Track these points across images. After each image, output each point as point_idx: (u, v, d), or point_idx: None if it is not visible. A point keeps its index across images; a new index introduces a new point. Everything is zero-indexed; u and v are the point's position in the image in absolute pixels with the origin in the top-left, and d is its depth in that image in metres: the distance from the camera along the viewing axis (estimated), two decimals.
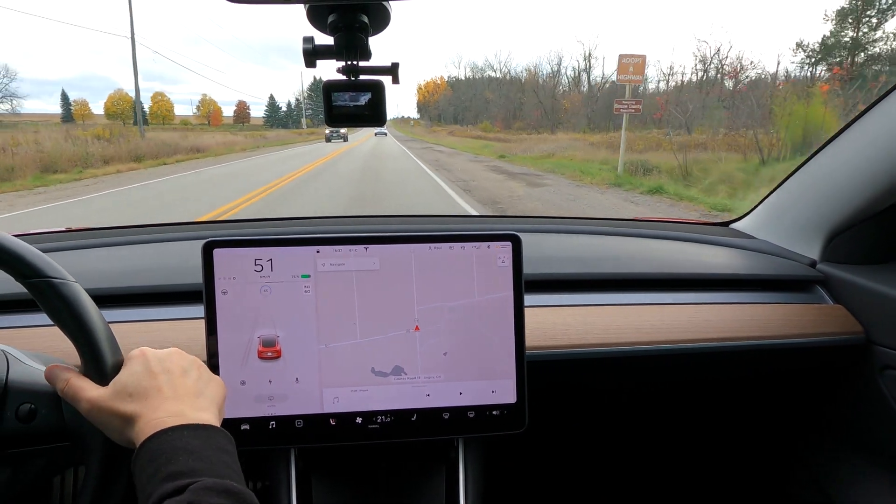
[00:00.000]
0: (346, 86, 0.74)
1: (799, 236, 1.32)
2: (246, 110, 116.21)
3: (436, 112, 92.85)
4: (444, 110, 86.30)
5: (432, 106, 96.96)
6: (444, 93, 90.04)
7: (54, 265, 0.61)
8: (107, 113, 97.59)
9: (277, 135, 42.05)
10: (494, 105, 57.87)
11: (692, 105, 21.18)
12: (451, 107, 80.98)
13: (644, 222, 1.56)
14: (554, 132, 33.63)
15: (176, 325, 0.99)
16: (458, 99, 76.25)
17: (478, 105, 64.41)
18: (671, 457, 1.55)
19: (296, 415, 0.83)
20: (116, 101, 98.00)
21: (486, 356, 0.86)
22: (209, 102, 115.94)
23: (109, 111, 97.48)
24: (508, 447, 1.26)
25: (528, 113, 47.00)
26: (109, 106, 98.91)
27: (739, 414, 1.47)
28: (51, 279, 0.60)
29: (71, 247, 1.27)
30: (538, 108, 43.91)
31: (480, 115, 60.83)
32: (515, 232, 0.86)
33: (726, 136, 15.02)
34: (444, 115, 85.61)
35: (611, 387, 1.22)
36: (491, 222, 1.64)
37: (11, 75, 52.20)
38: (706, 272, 1.24)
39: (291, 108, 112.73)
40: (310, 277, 0.82)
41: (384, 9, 0.67)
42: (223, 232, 1.43)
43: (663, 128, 21.32)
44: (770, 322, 1.12)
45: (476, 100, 65.98)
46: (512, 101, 52.12)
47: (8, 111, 56.73)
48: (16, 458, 0.62)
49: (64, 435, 0.62)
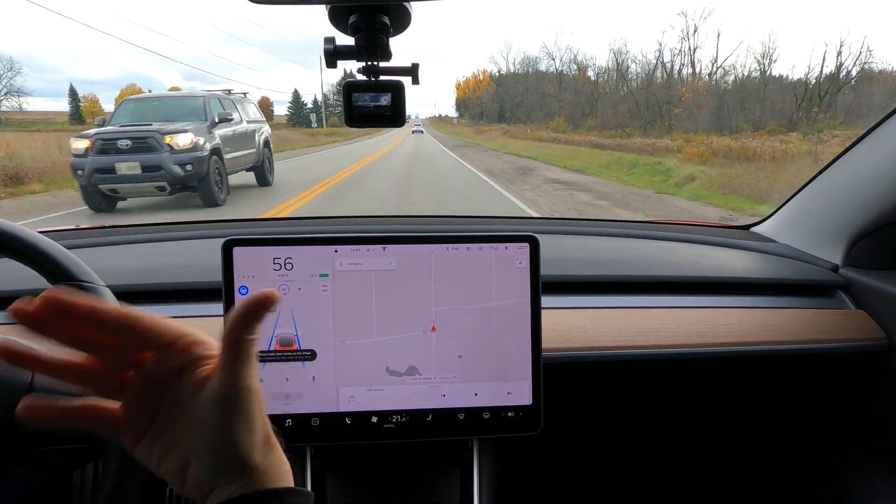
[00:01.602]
0: (367, 86, 0.75)
1: (821, 240, 1.30)
2: (269, 107, 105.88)
3: (478, 110, 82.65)
4: (488, 108, 76.93)
5: (474, 103, 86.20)
6: (486, 88, 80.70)
7: (85, 269, 0.62)
8: None
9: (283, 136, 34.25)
10: (555, 100, 49.56)
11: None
12: (495, 103, 72.53)
13: (662, 225, 1.55)
14: (648, 133, 27.22)
15: (195, 321, 1.00)
16: (505, 94, 67.80)
17: (531, 100, 56.27)
18: (686, 461, 1.54)
19: (312, 413, 0.84)
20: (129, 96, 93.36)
21: (502, 357, 0.86)
22: None
23: None
24: (523, 449, 1.26)
25: (603, 109, 39.00)
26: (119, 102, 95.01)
27: (756, 418, 1.45)
28: (82, 283, 0.61)
29: (92, 244, 1.29)
30: (624, 102, 36.14)
31: (533, 111, 53.15)
32: (533, 233, 0.86)
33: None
34: (488, 113, 76.23)
35: (627, 390, 1.22)
36: (509, 223, 1.64)
37: (17, 69, 48.96)
38: (725, 276, 1.23)
39: (318, 104, 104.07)
40: (328, 277, 0.82)
41: (405, 10, 0.67)
42: (243, 230, 1.44)
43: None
44: (791, 327, 1.11)
45: (529, 94, 57.38)
46: (582, 95, 44.42)
47: (14, 108, 53.91)
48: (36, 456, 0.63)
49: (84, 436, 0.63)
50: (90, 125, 35.15)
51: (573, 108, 44.83)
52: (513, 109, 62.50)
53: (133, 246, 1.30)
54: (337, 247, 0.83)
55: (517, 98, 60.96)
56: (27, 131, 37.12)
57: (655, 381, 1.16)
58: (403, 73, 0.75)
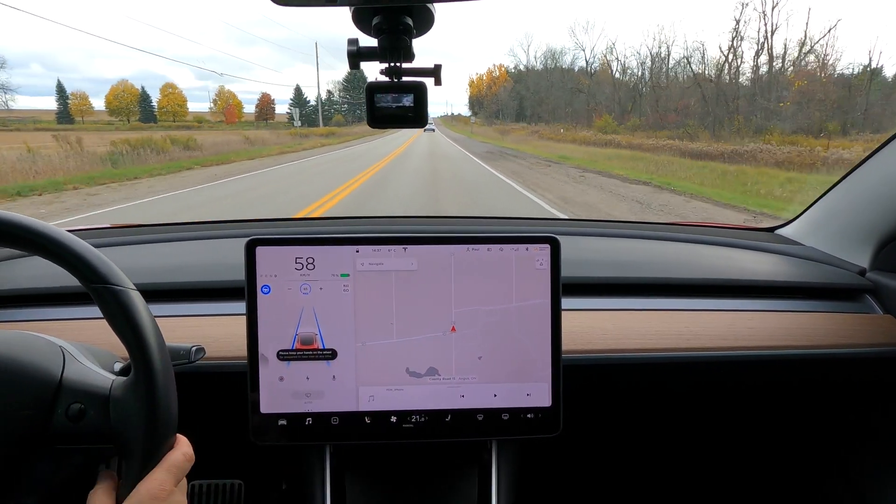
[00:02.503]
0: (389, 87, 0.75)
1: (848, 243, 1.27)
2: (270, 105, 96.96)
3: (494, 108, 75.05)
4: (506, 105, 69.15)
5: (489, 101, 79.88)
6: (503, 84, 73.66)
7: (116, 272, 0.63)
8: (108, 108, 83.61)
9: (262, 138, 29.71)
10: (588, 96, 42.80)
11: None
12: (513, 101, 65.66)
13: (686, 227, 1.53)
14: (717, 134, 22.91)
15: (218, 320, 1.02)
16: (525, 90, 61.28)
17: (556, 97, 50.07)
18: (707, 465, 1.52)
19: (332, 412, 0.84)
20: (120, 93, 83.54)
21: (522, 359, 0.86)
22: (227, 95, 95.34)
23: (111, 105, 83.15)
24: (542, 451, 1.25)
25: (645, 106, 33.78)
26: (111, 100, 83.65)
27: (780, 423, 1.43)
28: (113, 286, 0.62)
29: (118, 242, 1.31)
30: (680, 97, 30.54)
31: (558, 109, 47.91)
32: (554, 234, 0.86)
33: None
34: (505, 111, 68.57)
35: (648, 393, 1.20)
36: (529, 224, 1.63)
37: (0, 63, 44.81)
38: (749, 278, 1.21)
39: (323, 101, 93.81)
40: (349, 276, 0.83)
41: (428, 11, 0.68)
42: (266, 230, 1.46)
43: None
44: (816, 331, 1.09)
45: (554, 90, 51.07)
46: (623, 90, 38.41)
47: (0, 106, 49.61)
48: (60, 454, 0.64)
49: (109, 437, 0.64)
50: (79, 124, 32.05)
51: (610, 104, 39.17)
52: (534, 107, 56.68)
53: (158, 245, 1.32)
54: (358, 247, 0.83)
55: (540, 94, 55.04)
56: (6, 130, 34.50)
57: (677, 385, 1.14)
58: (426, 73, 0.75)
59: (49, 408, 0.63)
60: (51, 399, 0.63)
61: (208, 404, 0.98)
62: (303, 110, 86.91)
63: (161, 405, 0.62)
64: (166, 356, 0.65)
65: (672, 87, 34.67)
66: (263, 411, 0.83)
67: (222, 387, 0.96)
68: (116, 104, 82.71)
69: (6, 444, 0.61)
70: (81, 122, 78.77)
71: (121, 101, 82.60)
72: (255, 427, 0.83)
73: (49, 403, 0.63)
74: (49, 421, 0.63)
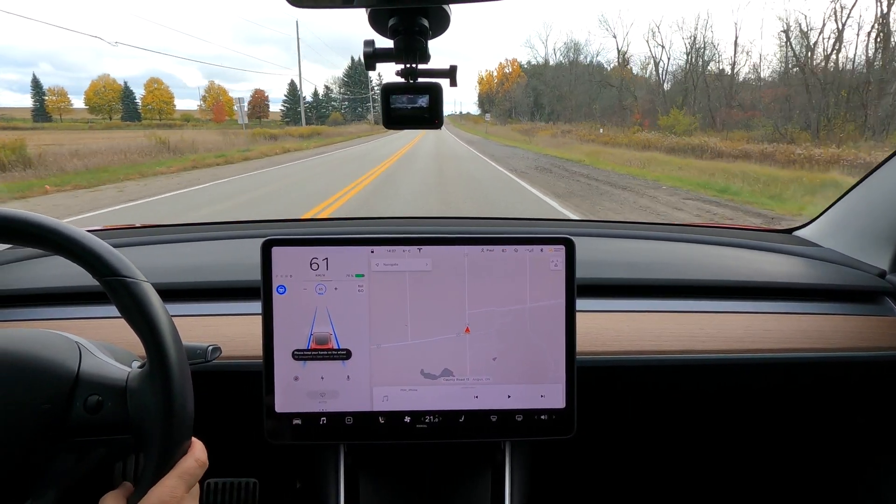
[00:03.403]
0: (405, 88, 0.75)
1: (868, 245, 1.25)
2: (264, 102, 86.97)
3: (506, 106, 69.12)
4: (519, 103, 64.12)
5: (501, 98, 74.03)
6: (516, 81, 68.38)
7: (128, 264, 0.65)
8: (89, 104, 77.68)
9: (203, 141, 22.44)
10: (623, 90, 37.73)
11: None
12: (527, 97, 61.11)
13: (702, 228, 1.52)
14: (821, 136, 17.88)
15: (234, 319, 1.03)
16: (542, 86, 55.96)
17: (580, 93, 45.35)
18: (722, 469, 1.50)
19: (346, 412, 0.85)
20: (100, 89, 77.74)
21: (536, 360, 0.86)
22: (217, 92, 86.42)
23: (91, 102, 77.16)
24: (555, 453, 1.25)
25: (700, 101, 27.95)
26: (91, 96, 77.67)
27: (797, 427, 1.41)
28: (124, 278, 0.63)
29: (135, 242, 1.33)
30: (755, 90, 24.41)
31: (583, 106, 43.09)
32: (569, 235, 0.86)
33: None
34: (519, 109, 63.49)
35: (663, 395, 1.20)
36: (544, 225, 1.62)
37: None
38: (766, 280, 1.20)
39: (320, 98, 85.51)
40: (364, 277, 0.83)
41: (444, 12, 0.68)
42: (281, 231, 1.47)
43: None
44: (835, 334, 1.07)
45: (579, 84, 46.13)
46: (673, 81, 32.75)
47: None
48: (80, 446, 0.65)
49: (127, 428, 0.65)
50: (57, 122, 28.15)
51: (652, 99, 32.90)
52: (554, 104, 51.81)
53: (174, 245, 1.33)
54: (373, 247, 0.83)
55: (559, 90, 50.19)
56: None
57: (693, 387, 1.13)
58: (441, 75, 0.75)
59: (67, 401, 0.64)
60: (69, 392, 0.64)
61: (224, 403, 0.99)
62: (296, 108, 78.20)
63: (177, 393, 0.63)
64: (180, 346, 0.66)
65: (740, 77, 28.00)
66: (278, 411, 0.84)
67: (238, 386, 0.97)
68: (97, 101, 76.74)
69: (27, 439, 0.62)
70: (59, 120, 73.48)
71: (102, 98, 76.90)
72: (270, 426, 0.84)
73: (67, 396, 0.64)
74: (68, 414, 0.64)
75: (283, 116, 78.70)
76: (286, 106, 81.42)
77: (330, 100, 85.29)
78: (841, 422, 1.35)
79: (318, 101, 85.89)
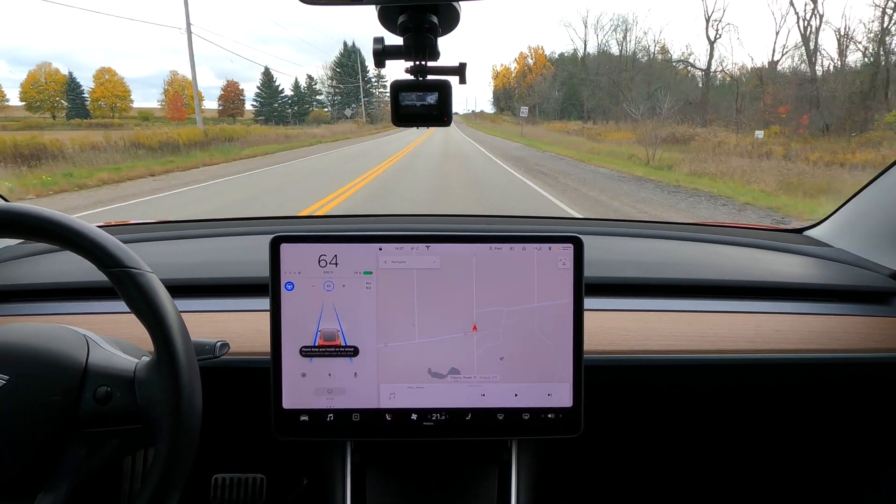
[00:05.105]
0: (414, 86, 0.75)
1: (879, 245, 1.24)
2: (239, 97, 65.54)
3: (531, 101, 52.03)
4: (546, 97, 51.06)
5: (522, 92, 60.42)
6: (541, 73, 56.14)
7: (133, 256, 0.65)
8: (25, 100, 57.67)
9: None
10: (688, 80, 30.55)
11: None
12: (555, 91, 49.86)
13: (712, 227, 1.51)
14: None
15: (242, 316, 1.03)
16: (577, 79, 46.62)
17: (639, 82, 36.49)
18: (730, 469, 1.50)
19: (353, 409, 0.85)
20: (38, 82, 57.76)
21: (544, 359, 0.86)
22: (180, 84, 60.06)
23: (29, 97, 57.51)
24: (562, 452, 1.25)
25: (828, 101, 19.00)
26: (28, 90, 57.77)
27: (807, 428, 1.40)
28: (129, 269, 0.64)
29: (145, 238, 1.33)
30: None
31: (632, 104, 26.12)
32: (577, 234, 0.85)
33: None
34: (545, 107, 51.13)
35: (671, 395, 1.19)
36: (553, 223, 1.62)
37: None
38: (776, 280, 1.19)
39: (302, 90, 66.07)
40: (371, 274, 0.83)
41: (454, 9, 0.68)
42: (290, 227, 1.47)
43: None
44: (846, 335, 1.06)
45: (638, 72, 37.94)
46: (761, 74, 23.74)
47: None
48: (92, 437, 0.66)
49: (137, 418, 0.66)
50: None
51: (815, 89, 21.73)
52: (593, 96, 41.92)
53: (183, 241, 1.34)
54: (381, 245, 0.83)
55: (600, 82, 40.70)
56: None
57: (701, 387, 1.13)
58: (450, 72, 0.75)
59: (77, 393, 0.65)
60: (78, 384, 0.65)
61: (232, 399, 1.00)
62: (273, 103, 63.33)
63: (185, 382, 0.64)
64: (187, 336, 0.67)
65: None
66: (286, 407, 0.84)
67: (246, 382, 0.97)
68: (35, 95, 57.96)
69: (40, 431, 0.63)
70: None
71: (42, 93, 58.35)
72: (278, 422, 0.84)
73: (77, 388, 0.65)
74: (78, 405, 0.65)
75: (256, 114, 61.94)
76: (259, 100, 63.92)
77: (314, 92, 67.86)
78: (852, 423, 1.34)
79: (299, 95, 66.98)
